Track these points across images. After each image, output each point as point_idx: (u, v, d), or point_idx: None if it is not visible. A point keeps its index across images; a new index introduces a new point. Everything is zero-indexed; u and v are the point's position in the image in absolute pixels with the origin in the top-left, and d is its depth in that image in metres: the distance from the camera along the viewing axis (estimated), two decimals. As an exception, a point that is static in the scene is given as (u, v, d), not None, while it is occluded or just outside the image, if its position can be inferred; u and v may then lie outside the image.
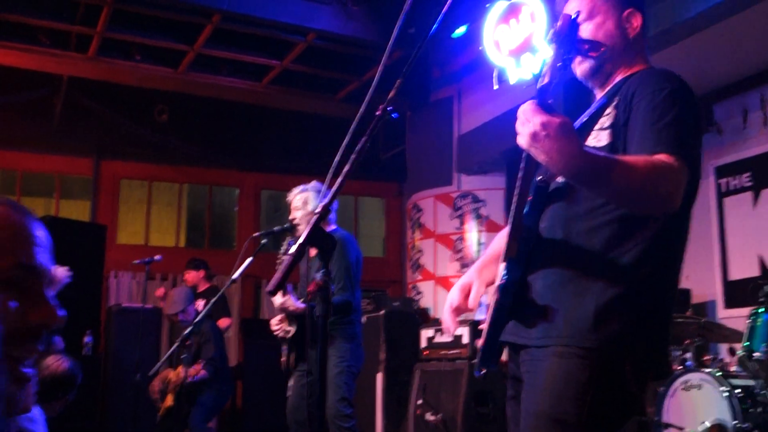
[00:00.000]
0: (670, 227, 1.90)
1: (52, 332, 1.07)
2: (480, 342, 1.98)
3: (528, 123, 1.70)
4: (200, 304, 6.81)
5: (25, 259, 1.03)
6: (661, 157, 1.78)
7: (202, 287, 7.32)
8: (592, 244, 1.89)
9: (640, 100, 1.88)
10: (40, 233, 1.08)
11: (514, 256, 1.90)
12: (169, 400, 6.12)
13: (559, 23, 1.78)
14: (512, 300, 1.93)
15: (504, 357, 2.04)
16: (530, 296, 1.93)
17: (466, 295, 2.10)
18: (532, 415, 1.85)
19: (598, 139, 1.94)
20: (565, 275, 1.90)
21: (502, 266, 1.95)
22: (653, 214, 1.86)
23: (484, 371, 1.96)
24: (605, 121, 1.95)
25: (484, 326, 1.98)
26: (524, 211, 1.93)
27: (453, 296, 2.13)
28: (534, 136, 1.69)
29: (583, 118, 2.07)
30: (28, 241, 1.05)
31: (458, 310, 2.11)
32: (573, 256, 1.90)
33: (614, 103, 1.96)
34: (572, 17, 1.81)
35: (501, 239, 2.16)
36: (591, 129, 1.97)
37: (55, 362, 3.35)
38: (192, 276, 7.35)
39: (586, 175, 1.77)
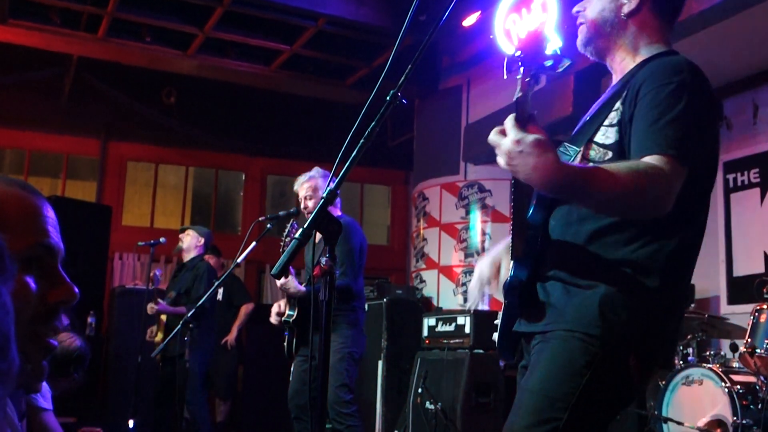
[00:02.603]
0: (682, 223, 1.88)
1: (66, 310, 1.10)
2: (496, 336, 2.01)
3: (503, 140, 1.70)
4: (220, 292, 6.92)
5: (43, 238, 1.05)
6: (652, 160, 1.75)
7: (220, 273, 7.36)
8: (599, 244, 1.88)
9: (645, 94, 1.85)
10: (51, 213, 1.10)
11: (519, 255, 1.90)
12: (159, 337, 6.19)
13: (523, 40, 1.77)
14: (519, 299, 1.94)
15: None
16: (537, 295, 1.93)
17: (497, 269, 2.10)
18: (527, 390, 1.86)
19: (606, 136, 1.92)
20: (574, 271, 1.89)
21: (510, 264, 1.96)
22: (641, 219, 1.85)
23: (503, 363, 2.04)
24: (614, 116, 1.92)
25: (498, 321, 2.01)
26: (530, 209, 1.93)
27: (484, 269, 2.12)
28: (508, 154, 1.68)
29: (594, 108, 2.06)
30: (44, 221, 1.07)
31: (485, 283, 2.11)
32: (582, 254, 1.90)
33: (622, 97, 1.93)
34: (538, 33, 1.77)
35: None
36: (600, 124, 1.95)
37: (68, 339, 3.39)
38: (214, 262, 7.39)
39: (565, 191, 1.77)
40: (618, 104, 1.93)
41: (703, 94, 1.88)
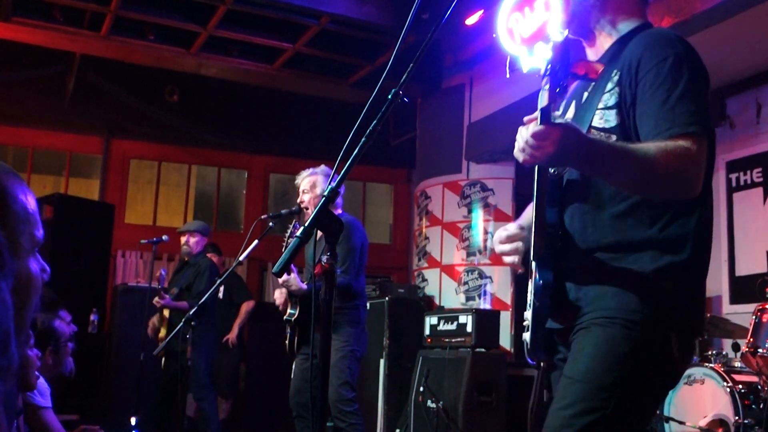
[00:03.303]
0: (699, 196, 1.87)
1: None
2: (527, 336, 1.99)
3: (524, 133, 1.71)
4: (221, 290, 6.94)
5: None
6: (680, 142, 1.75)
7: (221, 271, 7.37)
8: (622, 227, 1.88)
9: (646, 73, 1.84)
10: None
11: (542, 254, 1.90)
12: (162, 333, 6.20)
13: (551, 54, 1.76)
14: (550, 302, 1.93)
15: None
16: (568, 294, 1.93)
17: (521, 231, 2.07)
18: (570, 379, 1.85)
19: (606, 119, 1.90)
20: (603, 259, 1.89)
21: (533, 265, 1.95)
22: (671, 200, 1.85)
23: (535, 361, 2.02)
24: (609, 98, 1.91)
25: (527, 323, 2.00)
26: (547, 207, 1.92)
27: (512, 227, 2.09)
28: (531, 143, 1.69)
29: (581, 92, 2.03)
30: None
31: (512, 239, 2.06)
32: (605, 243, 1.89)
33: (617, 78, 1.91)
34: (563, 44, 1.76)
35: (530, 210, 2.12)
36: (595, 107, 1.93)
37: (48, 318, 3.40)
38: (216, 260, 7.40)
39: (591, 158, 1.77)
40: (611, 85, 1.92)
41: (698, 62, 1.88)
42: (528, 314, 2.00)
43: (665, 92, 1.79)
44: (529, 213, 2.11)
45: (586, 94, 2.00)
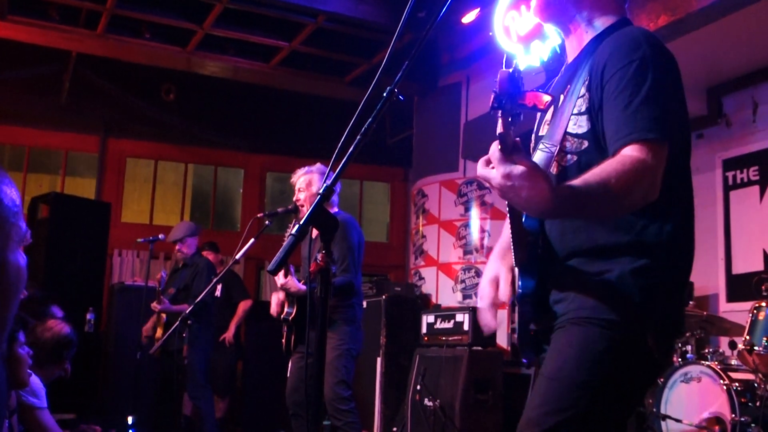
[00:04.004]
0: (675, 197, 1.88)
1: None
2: (515, 338, 2.02)
3: (492, 174, 1.68)
4: (219, 288, 6.94)
5: None
6: (633, 151, 1.74)
7: (218, 270, 7.36)
8: (599, 233, 1.88)
9: (610, 78, 1.84)
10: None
11: (525, 261, 1.91)
12: (159, 332, 6.19)
13: (498, 83, 1.75)
14: (532, 309, 1.95)
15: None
16: (548, 299, 1.94)
17: (497, 288, 2.10)
18: (546, 377, 1.86)
19: (579, 125, 1.91)
20: (582, 262, 1.90)
21: (516, 272, 1.97)
22: (634, 210, 1.85)
23: (527, 360, 2.02)
24: (581, 104, 1.91)
25: (515, 325, 2.02)
26: (523, 216, 1.93)
27: (485, 292, 2.11)
28: (500, 188, 1.67)
29: (558, 95, 2.04)
30: None
31: (494, 306, 2.09)
32: (582, 248, 1.90)
33: (587, 83, 1.91)
34: (509, 73, 1.73)
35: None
36: (570, 112, 1.94)
37: (57, 325, 3.40)
38: (212, 258, 7.39)
39: (562, 215, 1.79)
40: (583, 90, 1.92)
41: (666, 64, 1.87)
42: (515, 317, 2.04)
43: (627, 97, 1.80)
44: (507, 231, 2.12)
45: (562, 98, 2.02)
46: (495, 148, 1.69)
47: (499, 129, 1.70)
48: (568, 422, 1.77)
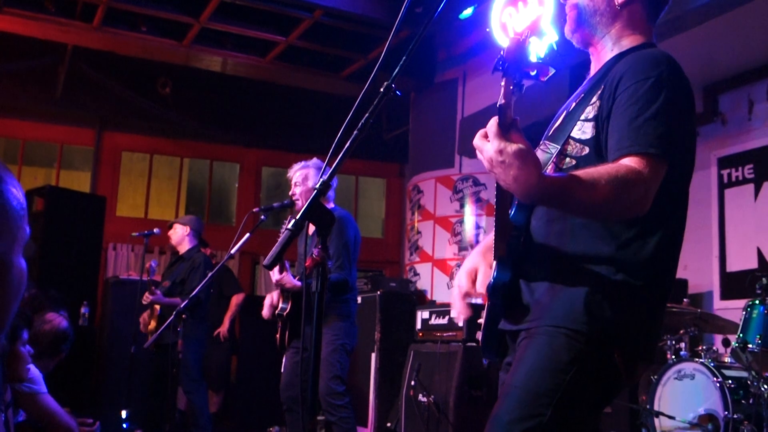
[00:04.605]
0: (663, 218, 1.88)
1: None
2: (479, 335, 2.01)
3: (486, 147, 1.70)
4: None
5: None
6: (631, 162, 1.75)
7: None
8: (582, 239, 1.88)
9: (624, 90, 1.84)
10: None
11: (503, 255, 1.90)
12: (152, 324, 6.16)
13: (506, 48, 1.75)
14: (501, 301, 1.95)
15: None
16: (522, 295, 1.94)
17: (474, 280, 2.10)
18: (511, 385, 1.86)
19: (583, 131, 1.91)
20: (559, 269, 1.89)
21: (491, 266, 1.96)
22: (620, 220, 1.85)
23: (487, 361, 2.04)
24: (590, 111, 1.92)
25: (482, 320, 2.01)
26: (511, 210, 1.93)
27: (461, 281, 2.11)
28: (490, 162, 1.69)
29: (572, 102, 2.05)
30: None
31: (468, 295, 2.09)
32: (566, 250, 1.89)
33: (600, 91, 1.92)
34: (520, 39, 1.75)
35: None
36: (577, 118, 1.94)
37: (56, 319, 3.40)
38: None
39: (545, 201, 1.78)
40: (595, 98, 1.93)
41: (682, 88, 1.87)
42: (483, 313, 2.02)
43: (636, 111, 1.80)
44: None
45: (574, 105, 2.02)
46: (493, 121, 1.70)
47: (500, 100, 1.71)
48: (534, 429, 1.78)
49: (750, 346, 4.49)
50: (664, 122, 1.78)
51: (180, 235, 6.46)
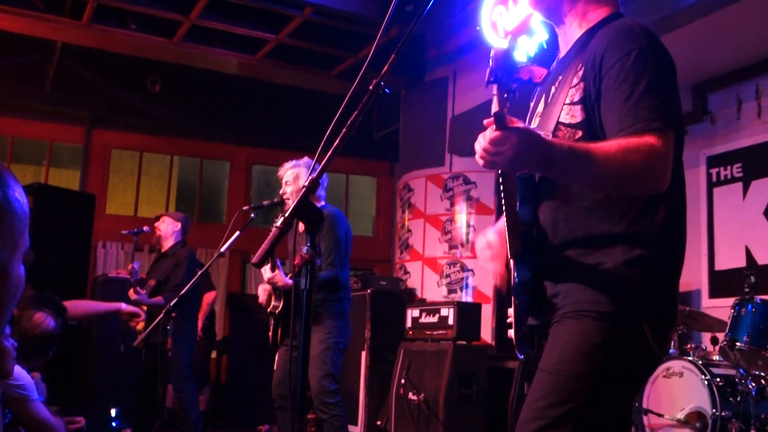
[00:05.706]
0: (668, 188, 1.87)
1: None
2: (511, 333, 2.01)
3: (485, 135, 1.72)
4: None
5: None
6: (644, 138, 1.75)
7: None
8: (591, 222, 1.89)
9: (609, 69, 1.83)
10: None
11: (520, 252, 1.91)
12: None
13: (493, 57, 1.75)
14: (528, 298, 1.96)
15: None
16: (545, 291, 1.95)
17: (493, 246, 2.11)
18: (544, 371, 1.87)
19: (572, 115, 1.91)
20: (576, 254, 1.90)
21: (511, 263, 1.97)
22: (640, 195, 1.86)
23: (522, 356, 2.02)
24: (575, 93, 1.91)
25: (511, 319, 2.02)
26: (517, 206, 1.93)
27: (486, 243, 2.13)
28: (492, 143, 1.71)
29: (550, 86, 2.04)
30: None
31: (498, 258, 2.10)
32: (575, 238, 1.90)
33: (581, 72, 1.91)
34: (504, 49, 1.76)
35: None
36: (562, 102, 1.94)
37: (45, 320, 3.38)
38: None
39: (560, 163, 1.76)
40: (576, 80, 1.92)
41: (663, 54, 1.88)
42: (511, 311, 2.02)
43: (628, 88, 1.80)
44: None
45: (553, 89, 2.01)
46: (490, 131, 1.72)
47: (494, 107, 1.71)
48: (568, 415, 1.78)
49: (738, 344, 4.52)
50: (657, 94, 1.79)
51: (169, 229, 6.44)
